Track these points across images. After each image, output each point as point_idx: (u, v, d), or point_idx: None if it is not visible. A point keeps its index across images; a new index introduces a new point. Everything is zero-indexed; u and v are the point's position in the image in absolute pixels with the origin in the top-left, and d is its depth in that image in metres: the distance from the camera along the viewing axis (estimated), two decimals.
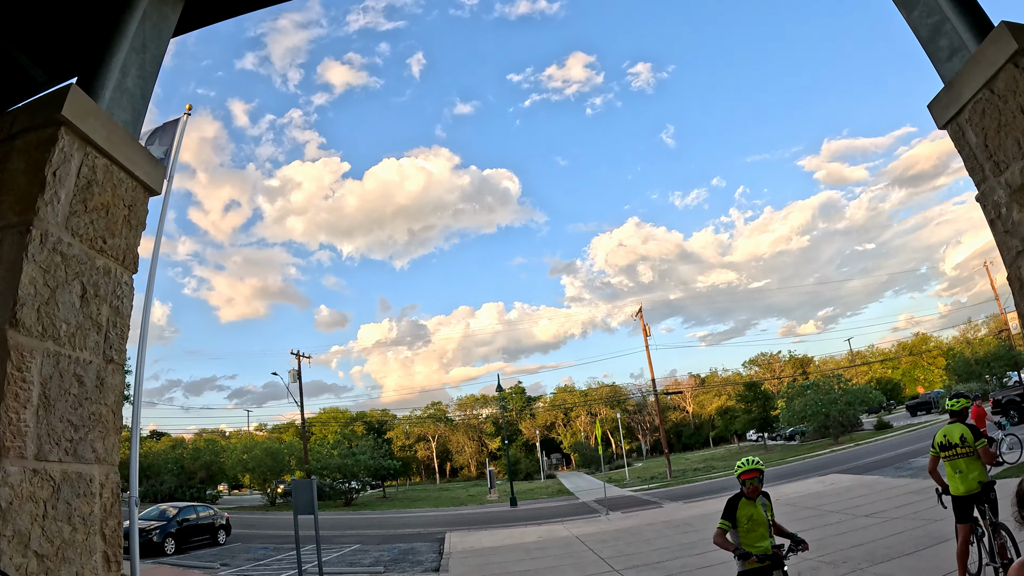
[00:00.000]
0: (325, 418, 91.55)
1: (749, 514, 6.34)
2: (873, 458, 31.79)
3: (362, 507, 44.68)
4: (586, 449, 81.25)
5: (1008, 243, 3.82)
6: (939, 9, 4.23)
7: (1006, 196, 3.77)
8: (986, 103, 3.78)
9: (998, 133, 3.73)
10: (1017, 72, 3.54)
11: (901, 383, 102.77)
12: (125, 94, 4.31)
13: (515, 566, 15.21)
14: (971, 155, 3.98)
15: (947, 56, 4.25)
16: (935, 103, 4.18)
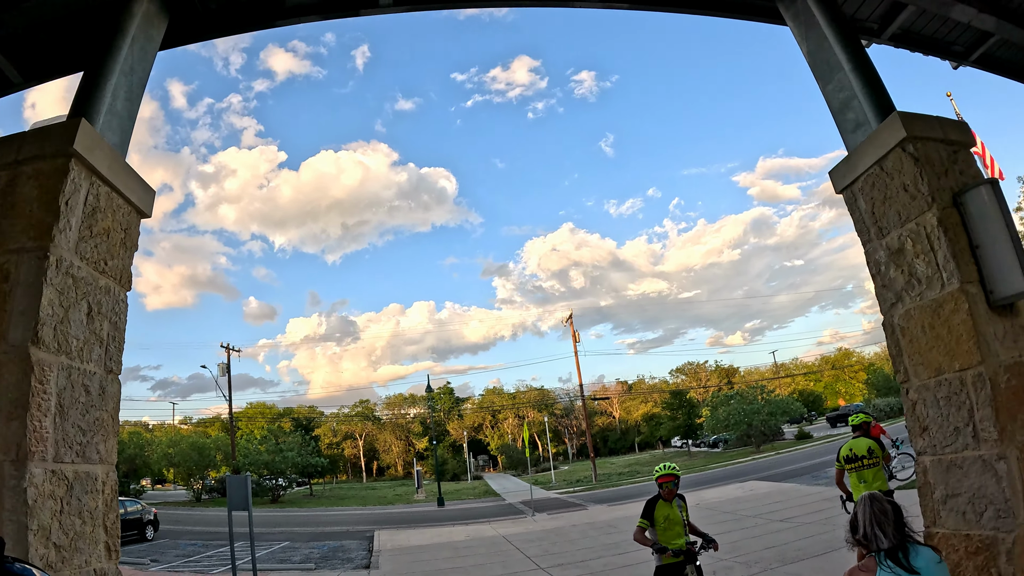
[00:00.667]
0: (252, 413, 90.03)
1: (666, 514, 6.98)
2: (792, 467, 32.96)
3: (289, 504, 44.36)
4: (513, 451, 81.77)
5: (884, 295, 4.55)
6: (850, 87, 4.92)
7: (885, 256, 4.49)
8: (876, 177, 4.49)
9: (883, 204, 4.44)
10: (904, 156, 4.25)
11: (823, 395, 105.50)
12: (115, 117, 4.61)
13: (444, 563, 15.55)
14: (860, 219, 4.69)
15: (852, 128, 4.94)
16: (835, 171, 4.89)
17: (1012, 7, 7.51)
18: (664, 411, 77.02)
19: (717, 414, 57.26)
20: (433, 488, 45.99)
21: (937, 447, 4.25)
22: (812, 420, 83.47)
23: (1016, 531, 3.84)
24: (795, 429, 63.93)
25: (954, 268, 4.06)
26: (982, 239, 4.09)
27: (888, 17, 7.06)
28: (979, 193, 4.13)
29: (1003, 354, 4.05)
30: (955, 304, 4.08)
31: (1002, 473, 3.87)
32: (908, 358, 4.47)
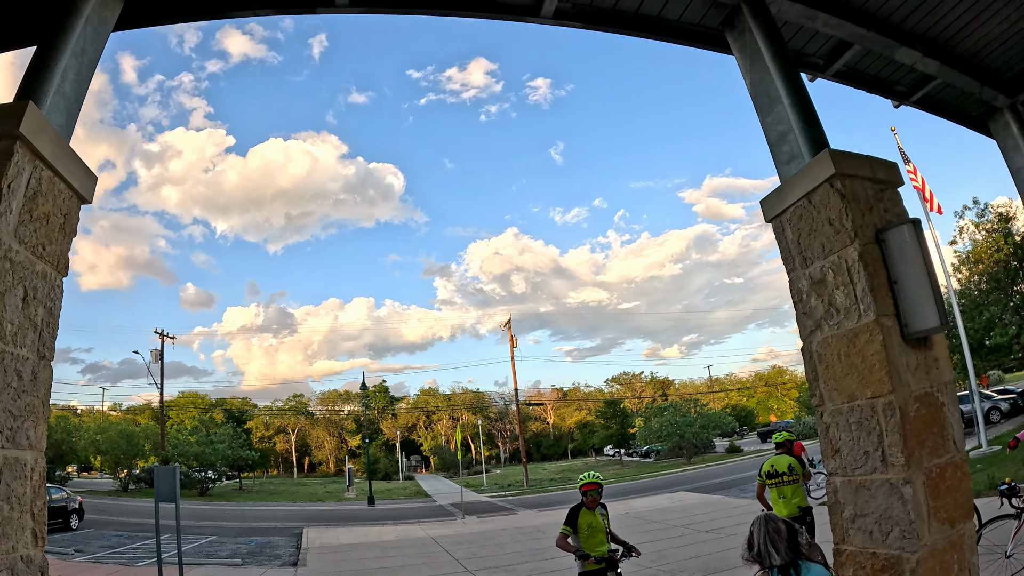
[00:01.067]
0: (184, 402, 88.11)
1: (589, 522, 7.19)
2: (721, 479, 33.69)
3: (218, 498, 43.61)
4: (446, 453, 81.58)
5: (805, 322, 4.80)
6: (787, 121, 5.14)
7: (808, 285, 4.73)
8: (804, 210, 4.72)
9: (809, 235, 4.68)
10: (831, 191, 4.49)
11: (755, 411, 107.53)
12: (62, 99, 4.50)
13: (372, 563, 15.57)
14: (787, 248, 4.93)
15: (786, 160, 5.17)
16: (767, 201, 5.12)
17: (957, 53, 7.89)
18: (598, 419, 77.51)
19: (650, 425, 58.01)
20: (364, 487, 45.82)
21: (848, 469, 4.48)
22: (743, 435, 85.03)
23: (920, 551, 4.07)
24: (726, 443, 65.26)
25: (871, 301, 4.28)
26: (900, 275, 4.33)
27: (834, 55, 7.37)
28: (901, 232, 4.37)
29: (914, 384, 4.30)
30: (870, 335, 4.30)
31: (908, 496, 4.10)
32: (824, 383, 4.70)
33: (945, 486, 4.32)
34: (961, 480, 4.46)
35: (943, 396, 4.50)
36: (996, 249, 29.84)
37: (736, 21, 5.72)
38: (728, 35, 5.89)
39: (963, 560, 4.35)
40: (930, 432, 4.31)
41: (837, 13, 6.34)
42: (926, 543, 4.12)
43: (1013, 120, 8.88)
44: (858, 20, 6.56)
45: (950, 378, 4.64)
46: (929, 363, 4.49)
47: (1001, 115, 8.98)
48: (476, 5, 5.97)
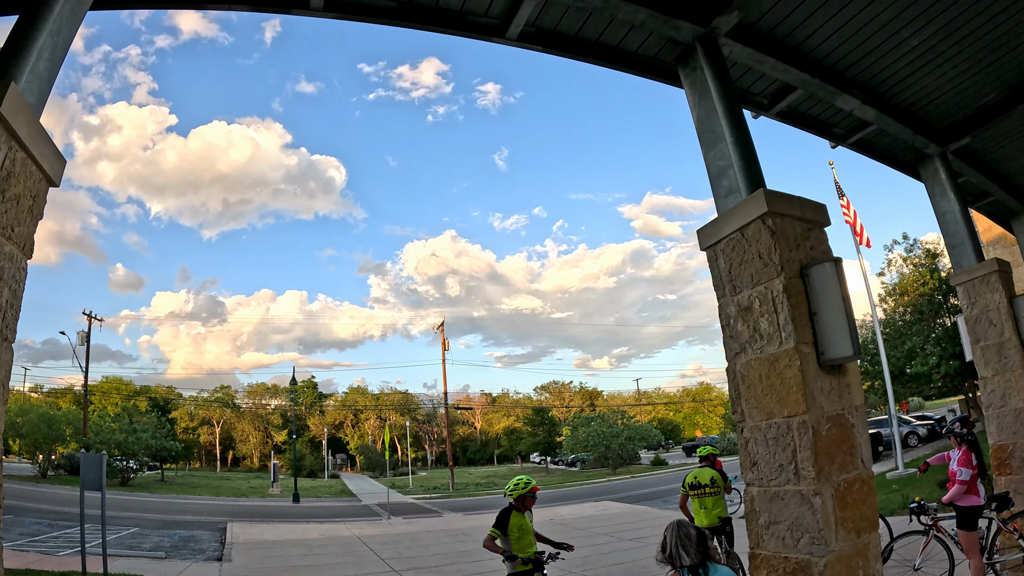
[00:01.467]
0: (107, 388, 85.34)
1: (519, 524, 7.47)
2: (645, 490, 34.40)
3: (139, 488, 42.70)
4: (373, 453, 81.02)
5: (731, 345, 5.21)
6: (729, 157, 5.54)
7: (736, 311, 5.15)
8: (737, 242, 5.13)
9: (740, 266, 5.10)
10: (762, 227, 4.90)
11: (681, 425, 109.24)
12: (36, 78, 4.38)
13: (298, 560, 15.65)
14: (719, 276, 5.35)
15: (725, 194, 5.58)
16: (703, 231, 5.52)
17: (894, 103, 8.42)
18: (526, 426, 78.00)
19: (577, 434, 58.67)
20: (289, 483, 45.37)
21: (764, 480, 4.88)
22: (669, 448, 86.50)
23: (827, 556, 4.45)
24: (652, 455, 66.35)
25: (792, 329, 4.68)
26: (820, 308, 4.75)
27: (778, 96, 7.85)
28: (823, 268, 4.79)
29: (827, 406, 4.71)
30: (789, 360, 4.70)
31: (817, 507, 4.49)
32: (745, 401, 5.10)
33: (852, 499, 4.74)
34: (867, 494, 4.90)
35: (853, 418, 4.94)
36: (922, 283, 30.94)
37: (689, 59, 6.07)
38: (681, 71, 6.22)
39: (867, 567, 4.78)
40: (840, 450, 4.73)
41: (785, 59, 6.78)
42: (833, 549, 4.51)
43: (942, 167, 9.52)
44: (804, 66, 7.01)
45: (860, 402, 5.08)
46: (842, 388, 4.92)
47: (932, 162, 9.62)
48: (445, 22, 6.20)
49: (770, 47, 6.65)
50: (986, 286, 9.42)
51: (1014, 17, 6.84)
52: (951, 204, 9.67)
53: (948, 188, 9.65)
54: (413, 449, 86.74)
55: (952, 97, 8.60)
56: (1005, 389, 9.23)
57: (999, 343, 9.29)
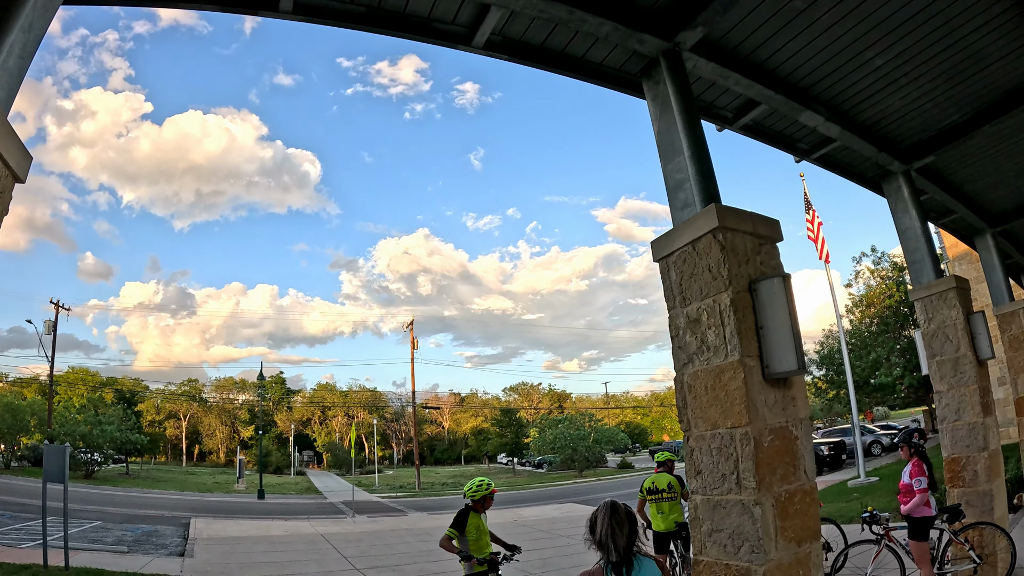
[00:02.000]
0: (73, 378, 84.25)
1: (477, 524, 7.61)
2: (610, 493, 34.25)
3: (104, 482, 42.38)
4: (339, 450, 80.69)
5: (679, 355, 5.31)
6: (686, 171, 5.63)
7: (684, 322, 5.24)
8: (688, 254, 5.22)
9: (690, 278, 5.19)
10: (713, 241, 5.00)
11: (649, 430, 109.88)
12: (5, 73, 4.31)
13: (260, 557, 15.63)
14: (670, 288, 5.44)
15: (681, 207, 5.67)
16: (656, 243, 5.61)
17: (859, 120, 8.58)
18: (494, 427, 78.00)
19: (545, 436, 58.91)
20: (255, 479, 45.14)
21: (707, 488, 4.98)
22: (636, 452, 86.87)
23: (767, 565, 4.56)
24: (618, 459, 66.91)
25: (738, 342, 4.77)
26: (767, 322, 4.85)
27: (743, 110, 7.97)
28: (771, 284, 4.89)
29: (770, 419, 4.82)
30: (734, 372, 4.79)
31: (757, 516, 4.59)
32: (692, 411, 5.20)
33: (794, 509, 4.85)
34: (809, 505, 5.01)
35: (797, 431, 5.05)
36: (888, 295, 31.45)
37: (653, 72, 6.14)
38: (644, 84, 6.29)
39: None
40: (782, 461, 4.84)
41: (749, 75, 6.89)
42: (773, 558, 4.62)
43: (905, 184, 9.71)
44: (768, 83, 7.13)
45: (805, 415, 5.19)
46: (787, 401, 5.02)
47: (895, 179, 9.80)
48: (413, 29, 6.22)
49: (734, 63, 6.76)
50: (943, 302, 9.60)
51: (978, 42, 7.02)
52: (912, 221, 9.84)
53: (910, 205, 9.83)
54: (380, 447, 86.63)
55: (916, 117, 8.78)
56: (960, 403, 9.41)
57: (955, 358, 9.48)
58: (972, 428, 9.27)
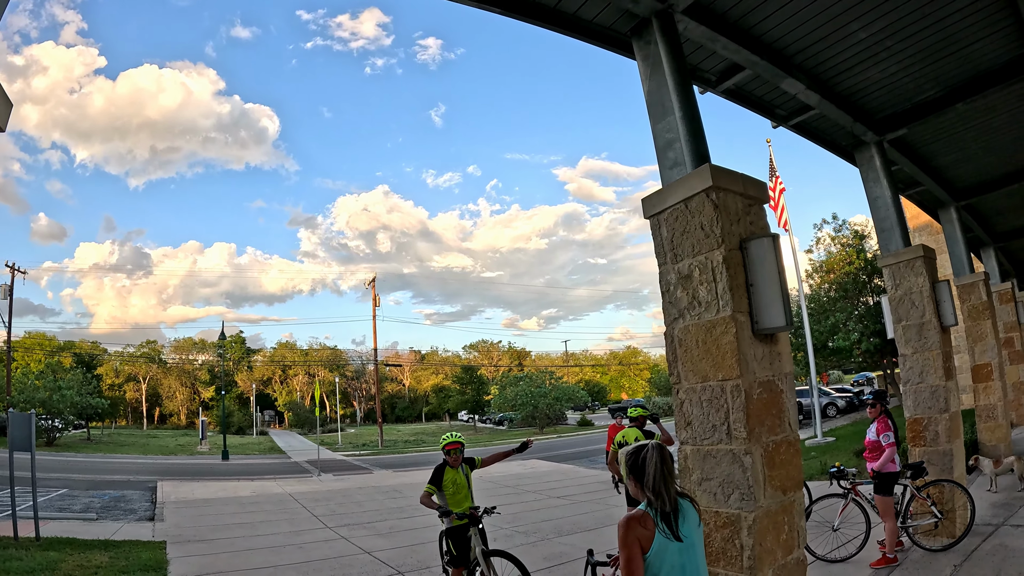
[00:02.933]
0: (30, 343, 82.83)
1: (453, 479, 7.69)
2: (572, 450, 35.15)
3: (66, 448, 41.87)
4: (301, 409, 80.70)
5: (669, 310, 5.44)
6: (676, 131, 5.70)
7: (675, 279, 5.36)
8: (680, 213, 5.32)
9: (682, 236, 5.30)
10: (707, 200, 5.10)
11: (608, 388, 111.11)
12: None
13: (230, 518, 15.59)
14: (661, 244, 5.53)
15: (670, 166, 5.76)
16: (648, 200, 5.67)
17: (837, 90, 8.75)
18: (454, 384, 78.35)
19: (505, 393, 59.73)
20: (217, 440, 45.07)
21: (697, 439, 5.15)
22: (595, 409, 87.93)
23: (756, 512, 4.75)
24: (578, 416, 67.60)
25: (729, 298, 4.90)
26: (756, 280, 4.98)
27: (726, 74, 8.06)
28: (761, 243, 5.02)
29: (759, 372, 4.97)
30: (725, 327, 4.93)
31: (748, 465, 4.77)
32: (682, 365, 5.33)
33: (780, 459, 5.04)
34: (794, 456, 5.21)
35: (783, 384, 5.22)
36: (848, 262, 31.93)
37: (644, 32, 6.15)
38: (635, 43, 6.31)
39: (792, 523, 5.09)
40: (769, 413, 5.01)
41: (737, 39, 6.98)
42: (761, 506, 4.81)
43: (878, 155, 9.98)
44: (754, 48, 7.23)
45: (790, 370, 5.37)
46: (773, 356, 5.19)
47: (868, 149, 10.06)
48: None
49: (723, 27, 6.82)
50: (911, 270, 9.89)
51: (957, 23, 7.26)
52: (883, 190, 10.13)
53: (882, 175, 10.11)
54: (342, 406, 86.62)
55: (893, 90, 9.01)
56: (923, 367, 9.73)
57: (920, 324, 9.79)
58: (935, 391, 9.60)
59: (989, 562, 7.78)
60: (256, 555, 11.47)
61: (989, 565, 7.67)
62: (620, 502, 12.08)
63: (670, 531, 3.26)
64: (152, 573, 10.01)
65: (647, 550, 3.24)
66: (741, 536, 4.83)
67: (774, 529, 4.91)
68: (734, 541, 4.87)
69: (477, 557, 7.39)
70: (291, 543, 12.53)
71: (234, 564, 10.78)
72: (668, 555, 3.26)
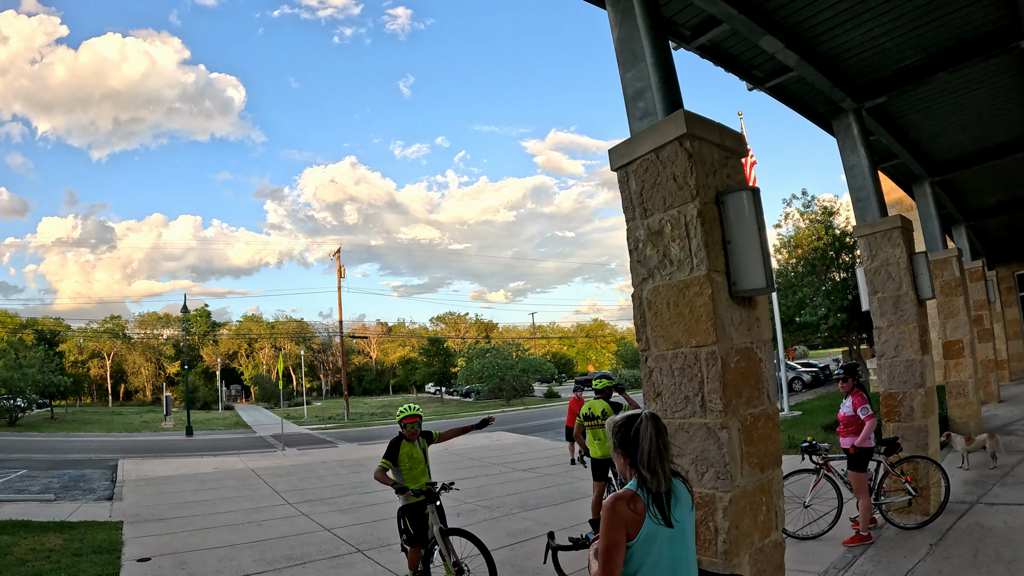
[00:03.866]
0: None
1: (409, 453, 7.33)
2: (538, 421, 34.98)
3: (28, 428, 40.82)
4: (267, 383, 79.93)
5: (638, 270, 5.01)
6: (647, 78, 5.28)
7: (645, 235, 4.93)
8: (651, 163, 4.87)
9: (653, 188, 4.86)
10: (680, 149, 4.66)
11: (575, 360, 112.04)
12: None
13: (191, 496, 15.18)
14: (629, 198, 5.08)
15: (640, 116, 5.34)
16: (615, 150, 5.21)
17: (818, 52, 8.46)
18: (421, 357, 78.69)
19: (472, 365, 59.95)
20: (182, 416, 44.44)
21: (668, 411, 4.75)
22: (562, 381, 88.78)
23: (732, 492, 4.38)
24: (545, 388, 67.74)
25: (704, 256, 4.50)
26: (734, 236, 4.58)
27: (702, 28, 7.64)
28: (740, 197, 4.61)
29: (736, 338, 4.59)
30: (700, 288, 4.53)
31: (724, 441, 4.39)
32: (651, 329, 4.92)
33: (758, 434, 4.68)
34: (772, 430, 4.86)
35: (761, 352, 4.85)
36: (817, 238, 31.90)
37: None
38: None
39: (771, 503, 4.75)
40: (747, 383, 4.64)
41: None
42: (739, 485, 4.44)
43: (855, 122, 9.76)
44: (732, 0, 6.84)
45: (769, 337, 5.00)
46: (751, 321, 4.81)
47: (845, 116, 9.83)
48: None
49: None
50: (888, 241, 9.65)
51: None
52: (860, 159, 9.89)
53: (859, 143, 9.87)
54: (308, 379, 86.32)
55: (874, 55, 8.75)
56: (899, 340, 9.50)
57: (896, 296, 9.56)
58: (910, 365, 9.39)
59: (966, 541, 7.58)
60: (213, 534, 11.12)
61: (966, 544, 7.47)
62: (585, 475, 11.82)
63: (661, 515, 2.83)
64: (106, 555, 9.62)
65: (633, 536, 2.81)
66: (716, 518, 4.46)
67: (751, 510, 4.56)
68: (708, 524, 4.49)
69: (435, 536, 7.04)
70: (250, 520, 12.19)
71: (190, 543, 10.40)
72: (656, 543, 2.84)
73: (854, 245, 30.09)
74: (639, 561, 2.82)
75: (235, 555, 9.64)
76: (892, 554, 7.44)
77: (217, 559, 9.42)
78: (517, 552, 8.98)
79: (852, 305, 29.55)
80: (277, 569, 8.85)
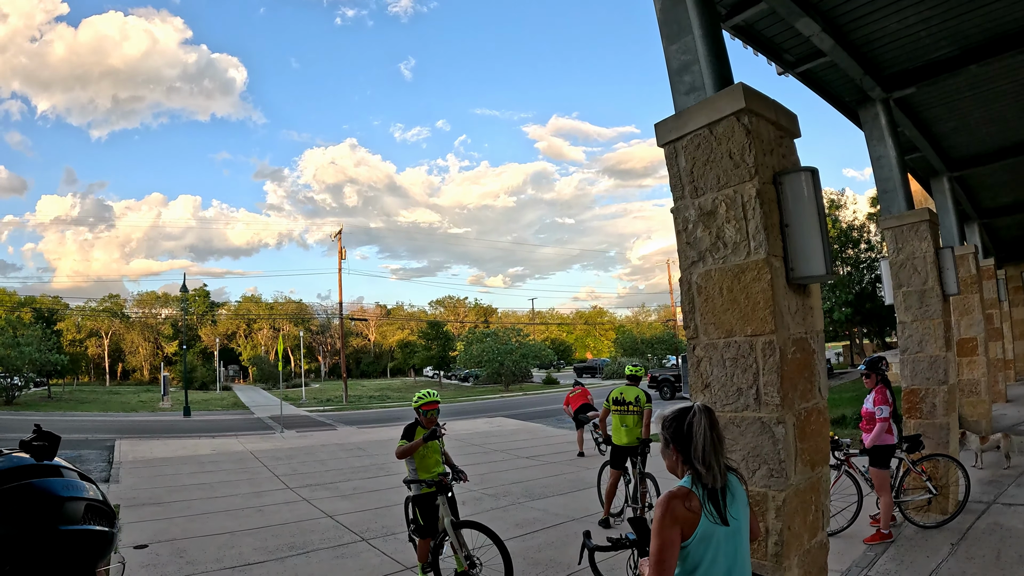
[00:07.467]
0: None
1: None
2: (538, 408, 34.97)
3: (25, 407, 40.25)
4: (265, 364, 79.53)
5: (687, 252, 4.70)
6: (694, 52, 4.99)
7: (695, 216, 4.63)
8: (703, 139, 4.57)
9: (705, 165, 4.56)
10: (737, 124, 4.36)
11: (573, 347, 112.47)
12: None
13: (188, 479, 14.94)
14: (678, 175, 4.78)
15: (686, 91, 5.04)
16: (663, 124, 4.89)
17: (852, 38, 8.30)
18: (420, 340, 78.78)
19: (471, 350, 59.90)
20: (180, 396, 44.17)
21: (718, 404, 4.47)
22: (560, 368, 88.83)
23: (787, 491, 4.14)
24: (544, 374, 67.66)
25: (764, 239, 4.24)
26: (793, 220, 4.31)
27: (741, 6, 7.36)
28: (799, 177, 4.35)
29: (793, 328, 4.32)
30: (758, 272, 4.27)
31: (779, 436, 4.13)
32: (701, 316, 4.65)
33: (811, 430, 4.42)
34: (823, 426, 4.60)
35: (815, 343, 4.59)
36: None
37: None
38: None
39: (819, 502, 4.51)
40: (802, 376, 4.38)
41: None
42: (792, 483, 4.19)
43: (883, 113, 9.59)
44: None
45: (821, 327, 4.75)
46: (806, 310, 4.55)
47: (873, 106, 9.65)
48: None
49: None
50: (915, 234, 9.47)
51: None
52: (888, 150, 9.68)
53: (886, 133, 9.67)
54: (307, 360, 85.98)
55: (908, 44, 8.61)
56: (923, 335, 9.32)
57: (921, 290, 9.38)
58: (934, 361, 9.21)
59: (987, 541, 7.45)
60: (213, 519, 10.88)
61: (988, 544, 7.34)
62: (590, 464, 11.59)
63: (717, 513, 2.67)
64: None
65: (688, 536, 2.65)
66: (768, 518, 4.20)
67: (802, 509, 4.31)
68: (759, 524, 4.20)
69: (446, 528, 6.78)
70: (250, 505, 11.95)
71: (189, 530, 10.15)
72: (713, 542, 2.67)
73: (860, 240, 29.94)
74: (695, 561, 2.68)
75: (235, 543, 9.38)
76: (914, 553, 7.29)
77: (217, 546, 9.17)
78: (528, 544, 8.74)
79: (856, 299, 29.41)
80: (279, 558, 8.60)
